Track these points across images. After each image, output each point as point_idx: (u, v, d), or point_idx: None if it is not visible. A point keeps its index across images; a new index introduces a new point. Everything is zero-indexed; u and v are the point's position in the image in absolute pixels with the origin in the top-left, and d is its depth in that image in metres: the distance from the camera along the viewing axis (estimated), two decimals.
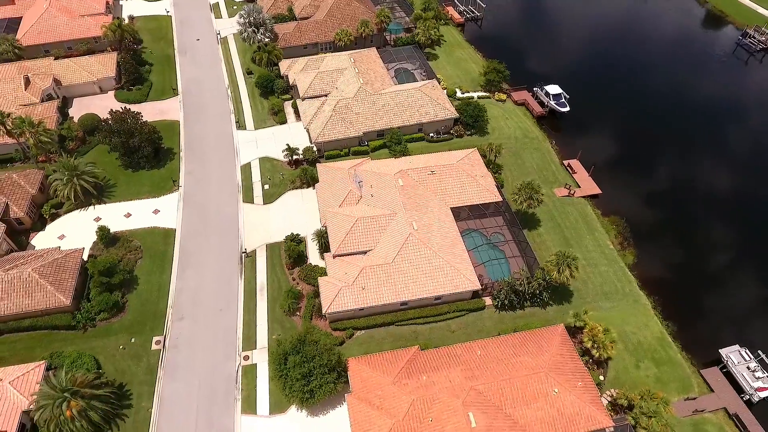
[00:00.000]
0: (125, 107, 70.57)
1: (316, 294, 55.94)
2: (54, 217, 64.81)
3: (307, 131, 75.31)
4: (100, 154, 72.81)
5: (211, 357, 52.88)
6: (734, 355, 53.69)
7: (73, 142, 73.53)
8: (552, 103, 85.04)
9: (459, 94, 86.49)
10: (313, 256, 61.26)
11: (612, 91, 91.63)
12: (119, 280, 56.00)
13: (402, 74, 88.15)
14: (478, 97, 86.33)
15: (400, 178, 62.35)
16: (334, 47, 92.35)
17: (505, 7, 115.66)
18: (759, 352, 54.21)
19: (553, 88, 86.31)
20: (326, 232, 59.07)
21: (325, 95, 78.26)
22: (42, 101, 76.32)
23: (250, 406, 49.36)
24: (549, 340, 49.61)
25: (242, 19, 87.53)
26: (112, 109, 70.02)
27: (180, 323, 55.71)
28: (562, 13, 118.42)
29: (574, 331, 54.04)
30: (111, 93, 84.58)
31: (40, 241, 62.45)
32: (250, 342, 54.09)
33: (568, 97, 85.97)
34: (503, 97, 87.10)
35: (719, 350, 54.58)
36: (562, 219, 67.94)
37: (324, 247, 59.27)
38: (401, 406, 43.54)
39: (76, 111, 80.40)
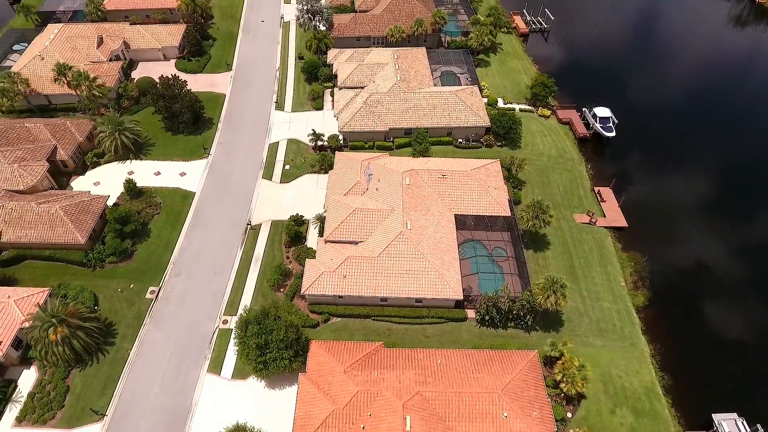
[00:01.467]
0: (175, 75, 75.81)
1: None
2: (95, 165, 71.41)
3: (337, 119, 76.99)
4: (148, 114, 78.81)
5: (194, 315, 56.04)
6: (728, 423, 48.79)
7: (129, 101, 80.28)
8: (598, 125, 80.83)
9: (501, 104, 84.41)
10: (312, 239, 62.86)
11: (671, 124, 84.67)
12: (131, 229, 60.73)
13: (447, 77, 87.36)
14: (520, 110, 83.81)
15: (408, 177, 62.31)
16: (386, 43, 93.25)
17: (575, 22, 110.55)
18: (758, 426, 48.90)
19: (602, 111, 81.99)
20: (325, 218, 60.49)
21: (362, 87, 79.56)
22: (110, 60, 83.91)
23: (216, 366, 51.93)
24: (516, 363, 47.77)
25: (301, 6, 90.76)
26: (162, 75, 75.58)
27: (176, 279, 59.55)
28: (636, 34, 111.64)
29: (553, 361, 51.53)
30: (173, 61, 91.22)
31: (79, 184, 69.05)
32: (233, 308, 56.72)
33: (616, 122, 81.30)
34: (547, 113, 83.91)
35: (713, 414, 49.85)
36: (575, 246, 64.62)
37: (322, 232, 60.65)
38: (345, 396, 43.98)
39: (139, 74, 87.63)
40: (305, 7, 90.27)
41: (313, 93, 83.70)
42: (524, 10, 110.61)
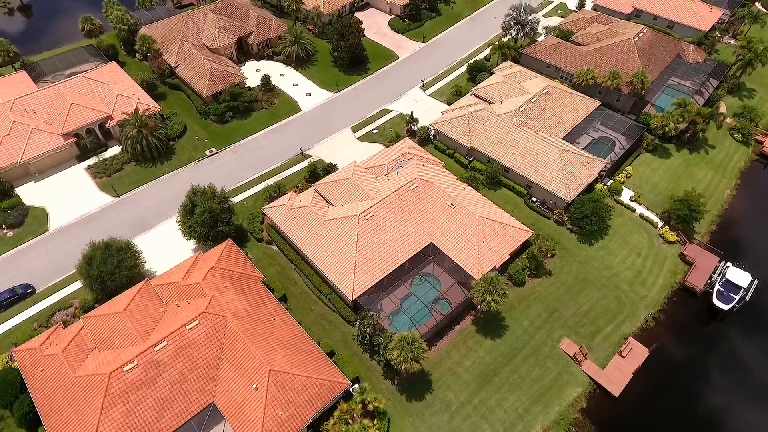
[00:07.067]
0: (358, 21, 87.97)
1: None
2: (269, 58, 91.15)
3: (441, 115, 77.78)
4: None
5: (216, 179, 66.62)
6: None
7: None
8: (717, 286, 60.59)
9: (624, 199, 70.08)
10: None
11: None
12: (234, 106, 77.94)
13: (600, 144, 75.09)
14: (641, 216, 68.28)
15: (417, 183, 61.46)
16: (573, 82, 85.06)
17: None
18: None
19: (738, 276, 61.12)
20: None
21: (490, 102, 77.12)
22: None
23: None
24: (319, 374, 47.04)
25: (511, 11, 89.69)
26: (345, 15, 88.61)
27: (231, 153, 75.03)
28: None
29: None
30: (391, 17, 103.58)
31: (248, 64, 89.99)
32: (234, 192, 68.91)
33: (747, 299, 59.51)
34: (671, 237, 66.03)
35: None
36: (524, 361, 53.93)
37: None
38: (192, 280, 52.04)
39: (363, 14, 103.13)
40: (513, 14, 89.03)
41: (458, 89, 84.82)
42: None
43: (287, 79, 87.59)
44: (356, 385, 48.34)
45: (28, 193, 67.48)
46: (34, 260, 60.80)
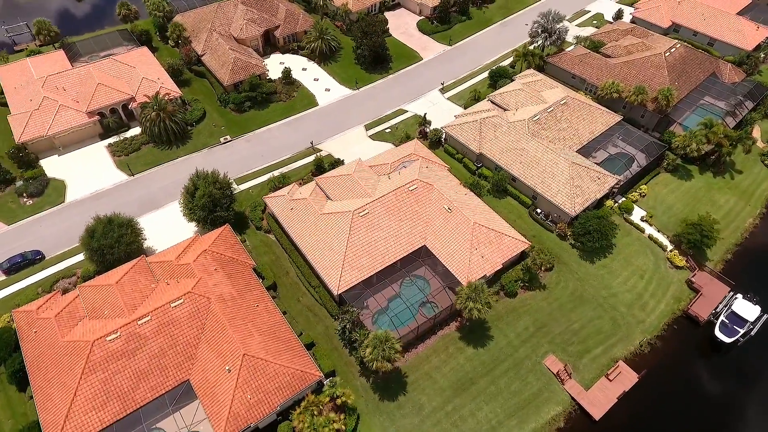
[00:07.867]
0: (384, 18, 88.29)
1: None
2: (294, 51, 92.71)
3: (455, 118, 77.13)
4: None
5: (224, 165, 70.35)
6: None
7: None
8: (723, 318, 57.79)
9: (635, 218, 67.68)
10: None
11: None
12: (252, 96, 79.75)
13: (616, 160, 72.82)
14: (650, 237, 65.79)
15: (416, 185, 61.26)
16: (596, 94, 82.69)
17: None
18: None
19: (746, 309, 58.12)
20: None
21: (505, 109, 75.91)
22: None
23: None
24: (290, 363, 47.71)
25: (539, 18, 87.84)
26: (373, 14, 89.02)
27: (244, 142, 76.80)
28: None
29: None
30: (421, 18, 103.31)
31: (272, 57, 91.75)
32: (243, 179, 70.75)
33: (753, 333, 56.57)
34: (680, 262, 63.34)
35: None
36: (504, 374, 53.03)
37: None
38: (185, 260, 53.77)
39: (394, 14, 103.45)
40: (541, 21, 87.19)
41: (477, 94, 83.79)
42: None
43: (309, 73, 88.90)
44: (329, 379, 48.74)
45: (51, 166, 71.30)
46: (48, 229, 64.21)
